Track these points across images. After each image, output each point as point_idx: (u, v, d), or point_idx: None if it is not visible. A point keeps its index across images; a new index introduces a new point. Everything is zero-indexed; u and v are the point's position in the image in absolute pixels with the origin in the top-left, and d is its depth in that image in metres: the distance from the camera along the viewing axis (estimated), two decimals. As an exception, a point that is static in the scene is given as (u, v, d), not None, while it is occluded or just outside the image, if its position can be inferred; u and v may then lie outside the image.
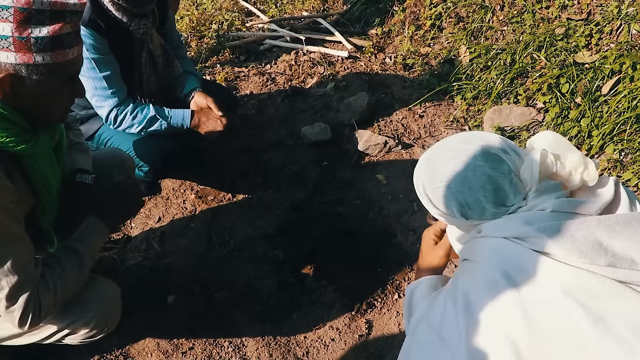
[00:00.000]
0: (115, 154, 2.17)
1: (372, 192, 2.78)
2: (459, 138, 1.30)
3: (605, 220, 1.08)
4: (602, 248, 1.04)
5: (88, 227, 1.65)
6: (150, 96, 2.47)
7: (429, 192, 1.30)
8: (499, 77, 3.16)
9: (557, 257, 1.06)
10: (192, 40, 4.05)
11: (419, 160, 1.38)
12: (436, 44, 3.78)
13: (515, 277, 1.07)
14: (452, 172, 1.23)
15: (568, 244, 1.05)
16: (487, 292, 1.11)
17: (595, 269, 1.03)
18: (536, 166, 1.16)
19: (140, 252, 2.52)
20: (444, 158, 1.27)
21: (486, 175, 1.18)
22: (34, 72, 1.29)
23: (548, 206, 1.13)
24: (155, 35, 2.34)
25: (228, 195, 2.80)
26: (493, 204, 1.19)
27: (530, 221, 1.11)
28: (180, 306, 2.29)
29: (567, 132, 2.77)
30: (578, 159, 1.18)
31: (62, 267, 1.52)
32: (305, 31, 4.10)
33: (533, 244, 1.08)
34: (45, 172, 1.53)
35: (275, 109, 3.37)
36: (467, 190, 1.21)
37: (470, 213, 1.23)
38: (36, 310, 1.43)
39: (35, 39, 1.26)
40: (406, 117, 3.25)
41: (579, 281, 1.03)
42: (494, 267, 1.12)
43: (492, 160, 1.20)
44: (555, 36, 3.09)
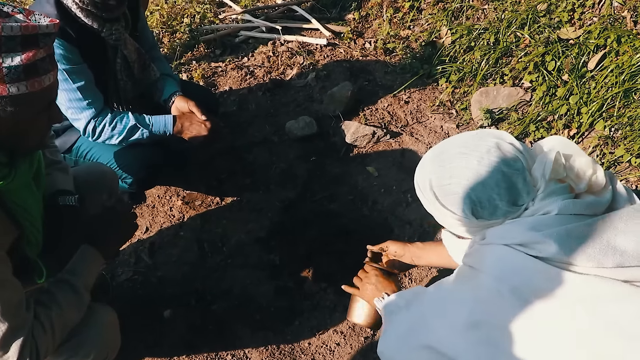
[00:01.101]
0: (96, 170, 2.06)
1: (363, 185, 2.72)
2: (468, 135, 1.26)
3: (610, 219, 1.08)
4: (610, 248, 1.03)
5: (82, 257, 1.56)
6: (128, 103, 2.36)
7: (436, 190, 1.25)
8: (483, 57, 3.10)
9: (564, 263, 1.04)
10: (164, 36, 3.92)
11: (423, 157, 1.33)
12: (416, 26, 3.70)
13: (521, 291, 1.05)
14: (464, 168, 1.19)
15: (575, 248, 1.03)
16: (491, 304, 1.10)
17: (604, 272, 1.02)
18: (549, 165, 1.13)
19: (130, 266, 2.43)
20: (454, 153, 1.23)
21: (501, 172, 1.15)
22: (9, 104, 1.18)
23: (554, 209, 1.10)
24: (128, 40, 2.22)
25: (216, 199, 2.72)
26: (506, 202, 1.16)
27: (536, 226, 1.09)
28: (177, 320, 2.22)
29: (556, 110, 2.73)
30: (587, 163, 1.17)
31: (59, 304, 1.43)
32: (281, 20, 3.99)
33: (539, 251, 1.06)
34: (26, 204, 1.43)
35: (256, 104, 3.27)
36: (480, 187, 1.17)
37: (482, 212, 1.19)
38: (33, 355, 1.34)
39: (8, 68, 1.14)
40: (391, 104, 3.18)
41: (588, 289, 1.02)
42: (499, 279, 1.10)
43: (506, 156, 1.17)
44: (537, 12, 3.03)
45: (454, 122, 3.00)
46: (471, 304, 1.15)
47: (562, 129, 2.72)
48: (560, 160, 1.16)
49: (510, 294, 1.06)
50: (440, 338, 1.20)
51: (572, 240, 1.04)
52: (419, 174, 1.32)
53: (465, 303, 1.16)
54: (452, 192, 1.21)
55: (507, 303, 1.07)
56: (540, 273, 1.05)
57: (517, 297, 1.06)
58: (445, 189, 1.23)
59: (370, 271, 1.78)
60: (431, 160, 1.30)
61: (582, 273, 1.03)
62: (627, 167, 2.52)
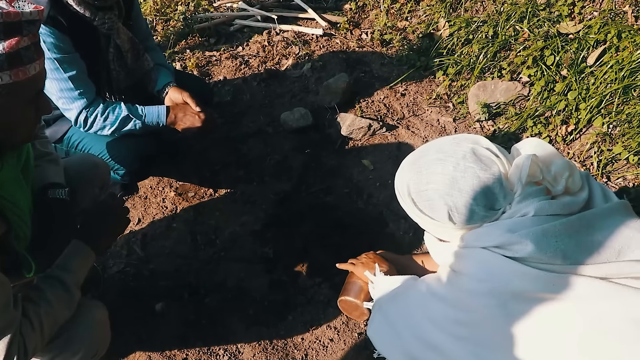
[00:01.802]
0: (88, 161, 2.01)
1: (359, 178, 2.69)
2: (445, 140, 1.27)
3: (586, 218, 1.10)
4: (586, 246, 1.06)
5: (73, 253, 1.52)
6: (121, 93, 2.32)
7: (414, 196, 1.26)
8: (481, 51, 3.06)
9: (541, 263, 1.05)
10: (158, 24, 3.85)
11: (402, 163, 1.34)
12: (414, 17, 3.66)
13: (499, 293, 1.07)
14: (440, 174, 1.20)
15: (552, 247, 1.05)
16: (471, 306, 1.12)
17: (581, 270, 1.04)
18: (525, 169, 1.14)
19: (122, 258, 2.39)
20: (431, 159, 1.24)
21: (476, 177, 1.16)
22: None
23: (530, 210, 1.11)
24: (121, 29, 2.17)
25: (209, 191, 2.68)
26: (483, 207, 1.16)
27: (513, 228, 1.10)
28: (169, 314, 2.19)
29: (554, 105, 2.71)
30: (563, 165, 1.17)
31: (48, 301, 1.39)
32: (276, 9, 3.93)
33: (515, 252, 1.07)
34: (14, 198, 1.39)
35: (251, 95, 3.23)
36: (456, 192, 1.17)
37: (458, 217, 1.19)
38: (21, 352, 1.30)
39: None
40: (388, 96, 3.14)
41: (566, 288, 1.03)
42: (477, 282, 1.12)
43: (482, 161, 1.17)
44: (537, 6, 3.00)
45: (451, 116, 2.97)
46: (452, 304, 1.17)
47: (560, 125, 2.70)
48: (536, 164, 1.16)
49: (489, 296, 1.08)
50: (426, 331, 1.23)
51: (548, 239, 1.06)
52: (398, 180, 1.33)
53: (447, 303, 1.18)
54: (429, 198, 1.22)
55: (486, 305, 1.09)
56: (517, 274, 1.06)
57: (496, 299, 1.07)
58: (422, 195, 1.24)
59: (367, 254, 1.83)
60: (409, 166, 1.30)
61: (559, 272, 1.04)
62: (625, 165, 2.50)
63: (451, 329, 1.16)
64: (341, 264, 1.88)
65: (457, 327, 1.15)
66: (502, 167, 1.18)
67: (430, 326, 1.21)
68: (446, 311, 1.18)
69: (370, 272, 1.68)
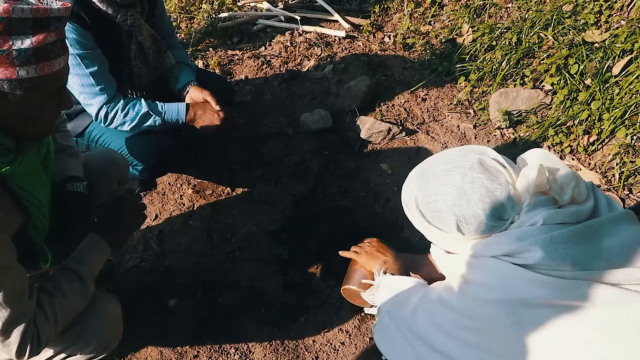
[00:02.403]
0: (107, 156, 2.04)
1: (377, 182, 2.68)
2: (452, 151, 1.28)
3: (593, 226, 1.11)
4: (595, 252, 1.07)
5: (89, 246, 1.54)
6: (142, 90, 2.34)
7: (422, 207, 1.26)
8: (504, 57, 3.04)
9: (551, 269, 1.05)
10: (182, 21, 3.89)
11: (409, 175, 1.35)
12: (437, 22, 3.64)
13: (508, 301, 1.07)
14: (447, 185, 1.20)
15: (561, 254, 1.05)
16: (479, 315, 1.12)
17: (591, 276, 1.04)
18: (533, 179, 1.15)
19: (138, 253, 2.41)
20: (438, 171, 1.24)
21: (484, 187, 1.16)
22: (18, 88, 1.16)
23: (539, 219, 1.12)
24: (144, 26, 2.19)
25: (227, 189, 2.69)
26: (491, 217, 1.17)
27: (522, 237, 1.10)
28: (182, 310, 2.20)
29: (577, 115, 2.67)
30: (569, 175, 1.18)
31: (63, 293, 1.42)
32: (300, 10, 3.94)
33: (525, 259, 1.07)
34: (33, 189, 1.41)
35: (272, 95, 3.23)
36: (464, 203, 1.17)
37: (467, 228, 1.20)
38: (34, 341, 1.33)
39: (18, 51, 1.12)
40: (408, 100, 3.13)
41: (577, 293, 1.03)
42: (486, 290, 1.12)
43: (489, 172, 1.18)
44: (562, 13, 2.96)
45: (471, 122, 2.95)
46: (462, 312, 1.17)
47: (582, 135, 2.66)
48: (544, 173, 1.16)
49: (499, 304, 1.08)
50: (436, 338, 1.23)
51: (556, 246, 1.06)
52: (405, 192, 1.34)
53: (456, 310, 1.18)
54: (437, 209, 1.22)
55: (496, 312, 1.08)
56: (527, 281, 1.06)
57: (506, 307, 1.07)
58: (430, 206, 1.24)
59: (370, 239, 1.88)
60: (417, 177, 1.31)
61: (569, 279, 1.04)
62: (646, 178, 2.47)
63: (461, 336, 1.16)
64: (344, 252, 1.92)
65: (466, 334, 1.15)
66: (509, 178, 1.19)
67: (440, 333, 1.21)
68: (456, 318, 1.18)
69: (375, 270, 1.71)
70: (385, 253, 1.76)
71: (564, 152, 2.72)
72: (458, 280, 1.23)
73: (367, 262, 1.79)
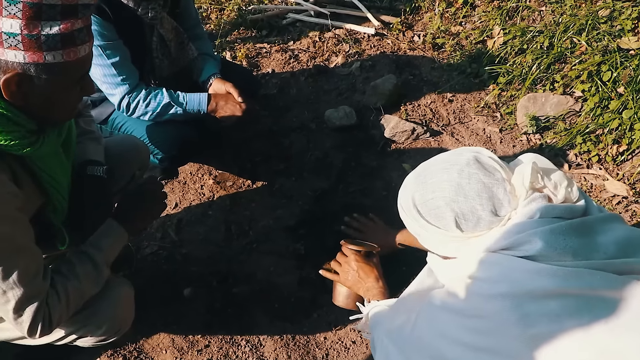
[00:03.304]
0: (129, 142, 2.07)
1: (398, 182, 2.61)
2: (447, 153, 1.30)
3: (588, 222, 1.13)
4: (593, 245, 1.08)
5: (107, 232, 1.56)
6: (164, 81, 2.35)
7: (419, 206, 1.25)
8: (534, 61, 2.98)
9: (552, 260, 1.06)
10: (212, 12, 3.90)
11: (404, 180, 1.34)
12: (468, 23, 3.59)
13: (513, 294, 1.06)
14: (445, 181, 1.21)
15: (561, 244, 1.06)
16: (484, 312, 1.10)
17: (592, 266, 1.04)
18: (527, 175, 1.16)
19: (156, 241, 2.43)
20: (435, 170, 1.25)
21: (481, 182, 1.17)
22: (44, 72, 1.19)
23: (536, 213, 1.12)
24: (166, 19, 2.20)
25: (247, 182, 2.69)
26: (489, 212, 1.16)
27: (521, 230, 1.11)
28: (197, 300, 2.22)
29: (607, 124, 2.61)
30: (561, 175, 1.21)
31: (77, 276, 1.44)
32: (330, 5, 3.91)
33: (525, 251, 1.08)
34: (53, 171, 1.44)
35: (298, 89, 3.23)
36: (462, 198, 1.18)
37: (465, 224, 1.19)
38: (46, 321, 1.36)
39: (46, 36, 1.15)
40: (435, 101, 3.10)
41: (581, 281, 1.03)
42: (489, 285, 1.11)
43: (485, 168, 1.19)
44: (598, 19, 2.90)
45: (497, 126, 2.91)
46: (466, 313, 1.16)
47: (611, 144, 2.61)
48: (537, 170, 1.19)
49: (504, 298, 1.07)
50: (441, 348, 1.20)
51: (556, 237, 1.07)
52: (402, 195, 1.33)
53: (460, 313, 1.17)
54: (435, 206, 1.22)
55: (501, 308, 1.07)
56: (530, 272, 1.06)
57: (511, 300, 1.06)
58: (428, 204, 1.23)
59: (349, 255, 1.88)
60: (413, 179, 1.31)
61: (572, 267, 1.04)
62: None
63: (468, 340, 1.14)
64: (325, 273, 1.97)
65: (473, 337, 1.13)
66: (505, 175, 1.20)
67: (445, 343, 1.18)
68: (460, 321, 1.16)
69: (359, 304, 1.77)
70: (366, 278, 1.80)
71: (591, 161, 2.66)
72: (459, 281, 1.21)
73: (351, 287, 1.84)
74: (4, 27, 1.11)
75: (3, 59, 1.14)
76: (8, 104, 1.20)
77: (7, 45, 1.13)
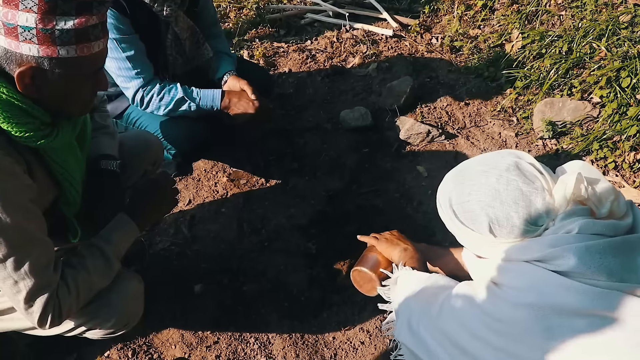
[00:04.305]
0: (143, 138, 2.09)
1: (411, 184, 2.65)
2: (490, 153, 1.27)
3: (631, 240, 1.08)
4: (632, 267, 1.04)
5: (118, 226, 1.58)
6: (177, 78, 2.37)
7: (455, 207, 1.24)
8: (553, 66, 2.96)
9: (585, 278, 1.03)
10: (232, 11, 3.92)
11: (445, 177, 1.33)
12: (487, 26, 3.57)
13: (539, 306, 1.05)
14: (483, 185, 1.19)
15: (596, 263, 1.03)
16: (509, 318, 1.09)
17: (627, 289, 1.01)
18: (570, 186, 1.12)
19: (169, 237, 2.45)
20: (474, 171, 1.23)
21: (519, 189, 1.15)
22: (57, 66, 1.21)
23: (574, 228, 1.09)
24: (181, 17, 2.22)
25: (261, 180, 2.70)
26: (524, 220, 1.14)
27: (556, 243, 1.08)
28: (207, 296, 2.23)
29: (624, 130, 2.58)
30: (609, 188, 1.16)
31: (87, 269, 1.45)
32: (349, 6, 3.92)
33: (558, 265, 1.06)
34: (67, 164, 1.46)
35: (314, 89, 3.24)
36: (498, 204, 1.16)
37: (499, 230, 1.18)
38: (56, 312, 1.37)
39: (60, 31, 1.17)
40: (451, 104, 3.08)
41: (612, 302, 1.00)
42: (517, 294, 1.10)
43: (525, 175, 1.16)
44: (619, 24, 2.87)
45: (513, 130, 2.89)
46: (490, 314, 1.15)
47: (629, 151, 2.58)
48: (582, 181, 1.14)
49: (530, 308, 1.06)
50: (462, 338, 1.20)
51: (591, 255, 1.03)
52: (441, 192, 1.32)
53: (485, 312, 1.16)
54: (471, 209, 1.21)
55: (526, 317, 1.06)
56: (560, 287, 1.04)
57: (536, 311, 1.05)
58: (464, 206, 1.22)
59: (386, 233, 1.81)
60: (452, 178, 1.30)
61: (604, 288, 1.01)
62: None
63: (487, 337, 1.14)
64: (363, 236, 1.85)
65: (493, 336, 1.13)
66: (546, 184, 1.16)
67: (466, 334, 1.18)
68: (483, 318, 1.15)
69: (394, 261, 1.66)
70: (406, 242, 1.70)
71: (607, 168, 2.63)
72: (488, 284, 1.20)
73: (385, 249, 1.71)
74: (20, 21, 1.13)
75: (18, 52, 1.17)
76: (23, 96, 1.22)
77: (22, 39, 1.15)
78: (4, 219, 1.21)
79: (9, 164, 1.24)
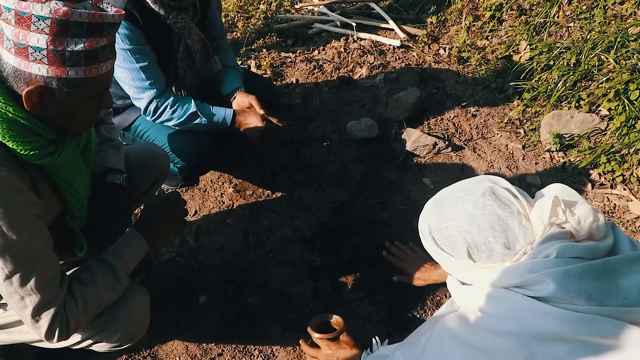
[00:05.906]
0: (149, 150, 2.10)
1: (417, 197, 2.64)
2: (467, 180, 1.29)
3: (612, 263, 1.08)
4: (612, 289, 1.05)
5: (128, 242, 1.60)
6: (186, 91, 2.39)
7: (435, 234, 1.26)
8: (560, 78, 2.95)
9: (564, 303, 1.03)
10: (239, 20, 3.94)
11: (425, 206, 1.36)
12: (494, 37, 3.57)
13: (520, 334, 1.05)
14: (459, 211, 1.20)
15: (575, 288, 1.03)
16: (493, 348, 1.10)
17: (607, 312, 1.02)
18: (547, 210, 1.13)
19: (174, 247, 2.46)
20: (451, 198, 1.25)
21: (495, 214, 1.16)
22: (65, 86, 1.23)
23: (552, 252, 1.09)
24: (194, 30, 2.24)
25: (267, 191, 2.71)
26: (502, 245, 1.15)
27: (534, 269, 1.08)
28: (211, 308, 2.23)
29: (633, 143, 2.57)
30: (588, 210, 1.15)
31: (96, 284, 1.47)
32: (356, 16, 3.93)
33: (537, 291, 1.06)
34: (71, 179, 1.48)
35: (321, 100, 3.24)
36: (475, 229, 1.17)
37: (478, 255, 1.18)
38: (63, 327, 1.39)
39: (71, 52, 1.19)
40: (458, 115, 3.08)
41: (590, 328, 1.00)
42: (497, 322, 1.11)
43: (500, 200, 1.18)
44: (627, 36, 2.85)
45: (520, 143, 2.88)
46: (473, 345, 1.16)
47: (637, 165, 2.56)
48: (558, 204, 1.15)
49: (511, 336, 1.06)
50: None
51: (570, 280, 1.04)
52: (421, 220, 1.35)
53: (467, 344, 1.17)
54: (449, 235, 1.22)
55: (507, 345, 1.07)
56: (539, 313, 1.04)
57: (517, 339, 1.05)
58: (443, 233, 1.24)
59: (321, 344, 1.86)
60: (431, 205, 1.32)
61: (584, 313, 1.02)
62: None
63: None
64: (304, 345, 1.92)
65: None
66: (522, 208, 1.17)
67: None
68: (467, 352, 1.16)
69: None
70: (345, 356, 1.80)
71: (615, 181, 2.62)
72: (470, 313, 1.21)
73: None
74: (31, 42, 1.15)
75: (27, 71, 1.18)
76: (29, 115, 1.24)
77: (33, 59, 1.17)
78: (10, 236, 1.23)
79: (14, 181, 1.25)
